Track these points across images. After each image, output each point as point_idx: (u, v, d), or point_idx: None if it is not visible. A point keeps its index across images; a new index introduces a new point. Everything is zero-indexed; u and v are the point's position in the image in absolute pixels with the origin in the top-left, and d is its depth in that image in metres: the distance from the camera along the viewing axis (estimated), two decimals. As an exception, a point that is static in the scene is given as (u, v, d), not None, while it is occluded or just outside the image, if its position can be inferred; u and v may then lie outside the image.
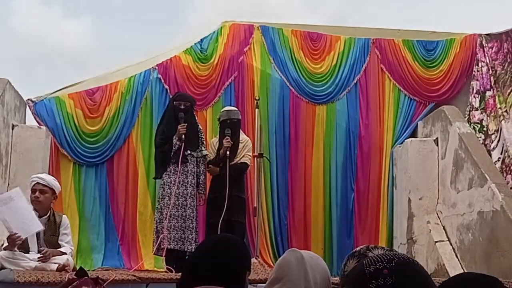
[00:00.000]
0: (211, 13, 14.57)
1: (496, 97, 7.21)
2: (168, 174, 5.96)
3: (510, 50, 7.30)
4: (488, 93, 7.47)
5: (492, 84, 7.34)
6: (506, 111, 6.94)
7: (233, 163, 6.11)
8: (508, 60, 7.27)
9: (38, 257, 4.72)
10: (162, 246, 5.82)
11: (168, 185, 5.92)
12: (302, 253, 1.82)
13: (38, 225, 4.76)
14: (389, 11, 14.78)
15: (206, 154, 6.21)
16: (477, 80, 7.66)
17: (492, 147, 6.98)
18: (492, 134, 7.12)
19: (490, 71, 7.46)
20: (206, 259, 2.10)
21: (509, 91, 7.13)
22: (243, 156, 6.25)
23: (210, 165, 6.20)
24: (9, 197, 4.77)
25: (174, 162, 5.95)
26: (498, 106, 7.08)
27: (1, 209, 4.69)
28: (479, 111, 7.46)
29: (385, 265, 1.25)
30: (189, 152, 6.00)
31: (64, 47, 15.30)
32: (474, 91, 7.65)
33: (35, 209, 4.97)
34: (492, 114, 7.29)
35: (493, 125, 7.17)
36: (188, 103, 6.18)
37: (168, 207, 5.84)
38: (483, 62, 7.66)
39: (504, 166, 6.56)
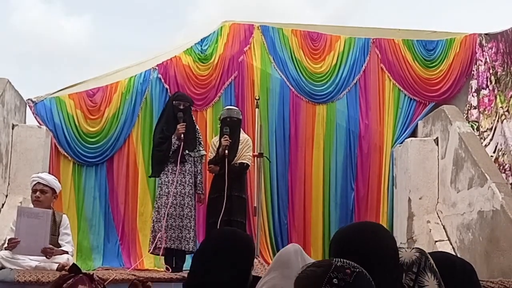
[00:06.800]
0: (213, 11, 14.55)
1: (498, 97, 7.20)
2: (165, 174, 5.95)
3: (506, 51, 7.29)
4: (483, 92, 7.46)
5: (494, 83, 7.32)
6: (507, 110, 6.94)
7: (232, 163, 6.10)
8: (506, 61, 7.27)
9: (42, 249, 4.72)
10: (158, 245, 5.81)
11: (166, 184, 5.92)
12: (300, 248, 1.90)
13: (38, 252, 4.75)
14: (392, 8, 14.77)
15: (204, 154, 6.21)
16: (476, 79, 7.66)
17: (484, 144, 6.98)
18: (484, 131, 7.12)
19: (491, 70, 7.46)
20: (216, 253, 2.14)
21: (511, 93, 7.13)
22: (242, 156, 6.23)
23: (210, 165, 6.20)
24: (36, 214, 4.76)
25: (173, 161, 5.94)
26: (500, 105, 7.07)
27: (22, 219, 4.70)
28: (477, 110, 7.46)
29: (350, 267, 1.41)
30: (187, 152, 6.00)
31: (64, 46, 15.28)
32: (473, 90, 7.66)
33: None
34: (486, 112, 7.29)
35: (486, 123, 7.18)
36: (187, 103, 6.17)
37: (166, 207, 5.84)
38: (481, 61, 7.67)
39: (497, 165, 6.56)
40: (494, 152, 6.73)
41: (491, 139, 6.97)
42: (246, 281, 2.16)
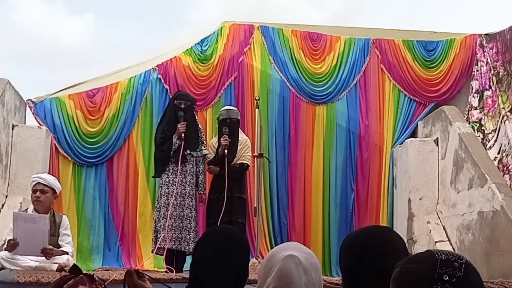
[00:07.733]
0: (214, 11, 14.54)
1: (499, 97, 7.19)
2: (166, 174, 5.95)
3: (502, 50, 7.28)
4: (487, 93, 7.45)
5: (495, 83, 7.31)
6: (510, 110, 6.92)
7: (232, 163, 6.09)
8: (504, 61, 7.26)
9: (41, 250, 4.72)
10: (159, 245, 5.80)
11: (166, 184, 5.92)
12: (299, 257, 1.83)
13: (37, 253, 4.75)
14: (393, 9, 14.77)
15: (206, 154, 6.20)
16: (477, 79, 7.66)
17: (488, 146, 6.98)
18: (489, 133, 7.11)
19: (492, 71, 7.45)
20: (213, 253, 2.15)
21: None
22: (242, 157, 6.23)
23: (210, 166, 6.21)
24: (33, 219, 4.76)
25: (174, 161, 5.94)
26: (502, 106, 7.06)
27: (19, 224, 4.71)
28: (478, 111, 7.45)
29: (456, 259, 1.30)
30: (188, 151, 5.99)
31: (65, 46, 15.29)
32: (473, 90, 7.65)
33: (35, 209, 4.98)
34: (490, 114, 7.28)
35: (490, 125, 7.16)
36: (189, 103, 6.16)
37: (166, 207, 5.83)
38: (483, 61, 7.66)
39: (501, 166, 6.55)
40: (498, 153, 6.72)
41: (495, 141, 6.95)
42: (244, 281, 2.18)
